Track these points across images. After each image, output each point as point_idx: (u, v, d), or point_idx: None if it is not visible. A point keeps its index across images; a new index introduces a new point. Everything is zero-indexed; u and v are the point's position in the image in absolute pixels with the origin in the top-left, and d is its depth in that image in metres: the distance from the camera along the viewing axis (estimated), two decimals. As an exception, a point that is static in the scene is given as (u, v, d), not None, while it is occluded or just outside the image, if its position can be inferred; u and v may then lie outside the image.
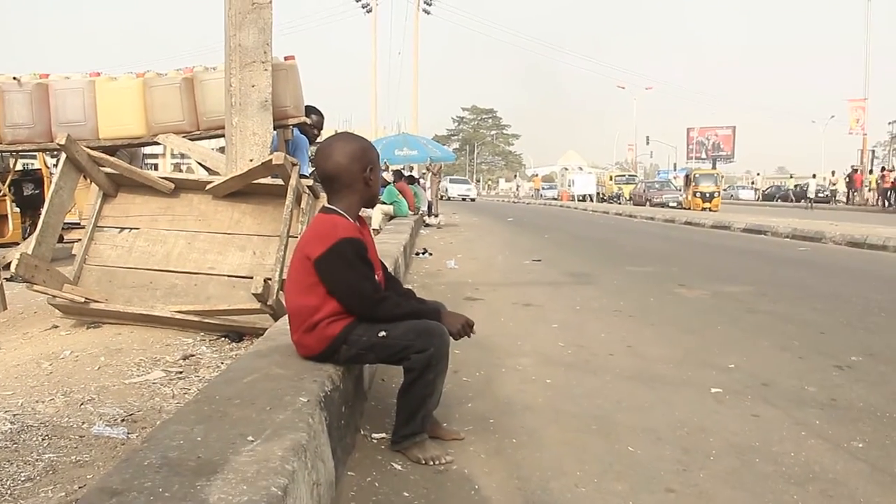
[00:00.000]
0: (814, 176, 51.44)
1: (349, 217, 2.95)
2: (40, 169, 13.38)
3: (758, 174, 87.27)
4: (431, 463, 2.84)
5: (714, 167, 56.92)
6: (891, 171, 43.77)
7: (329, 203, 3.00)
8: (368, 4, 47.60)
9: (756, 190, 71.87)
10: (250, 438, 1.96)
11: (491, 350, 4.77)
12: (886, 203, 40.90)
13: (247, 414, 2.18)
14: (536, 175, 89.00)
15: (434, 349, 2.86)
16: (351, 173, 2.95)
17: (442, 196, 52.37)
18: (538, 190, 74.93)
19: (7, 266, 5.64)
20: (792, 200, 54.36)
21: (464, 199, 54.14)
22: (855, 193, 46.56)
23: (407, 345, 2.86)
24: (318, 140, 7.91)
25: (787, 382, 4.15)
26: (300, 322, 2.91)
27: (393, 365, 3.04)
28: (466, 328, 3.12)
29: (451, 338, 2.98)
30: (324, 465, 2.19)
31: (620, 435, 3.24)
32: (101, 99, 6.32)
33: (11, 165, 9.21)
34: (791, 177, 71.39)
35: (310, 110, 7.07)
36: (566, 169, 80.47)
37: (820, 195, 51.64)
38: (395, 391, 3.14)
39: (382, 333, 2.87)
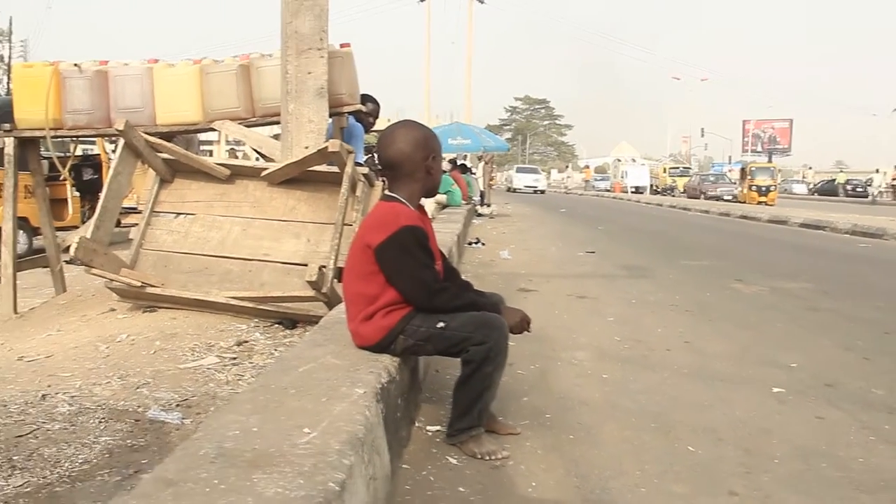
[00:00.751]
0: (877, 171, 50.39)
1: (410, 205, 2.91)
2: (99, 154, 13.64)
3: (809, 168, 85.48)
4: (487, 458, 2.78)
5: (770, 160, 55.94)
6: None
7: (389, 191, 2.96)
8: (422, -7, 47.46)
9: (807, 184, 70.57)
10: (306, 430, 1.93)
11: (546, 343, 4.70)
12: None
13: (302, 404, 2.14)
14: (587, 166, 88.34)
15: (493, 342, 2.80)
16: (413, 161, 2.90)
17: (509, 188, 49.48)
18: (588, 181, 74.27)
19: (66, 249, 5.72)
20: (838, 195, 53.21)
21: (534, 192, 48.84)
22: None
23: (466, 336, 2.81)
24: (374, 128, 7.89)
25: (853, 384, 4.01)
26: (357, 311, 2.88)
27: (450, 357, 2.99)
28: (524, 324, 3.07)
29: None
30: (380, 458, 2.15)
31: (680, 434, 3.15)
32: (159, 85, 6.35)
33: (72, 151, 9.34)
34: (841, 171, 70.00)
35: (365, 98, 7.04)
36: (619, 160, 79.86)
37: (858, 189, 50.70)
38: (450, 382, 3.10)
39: (441, 324, 2.82)
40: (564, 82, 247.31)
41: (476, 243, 11.39)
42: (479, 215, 19.12)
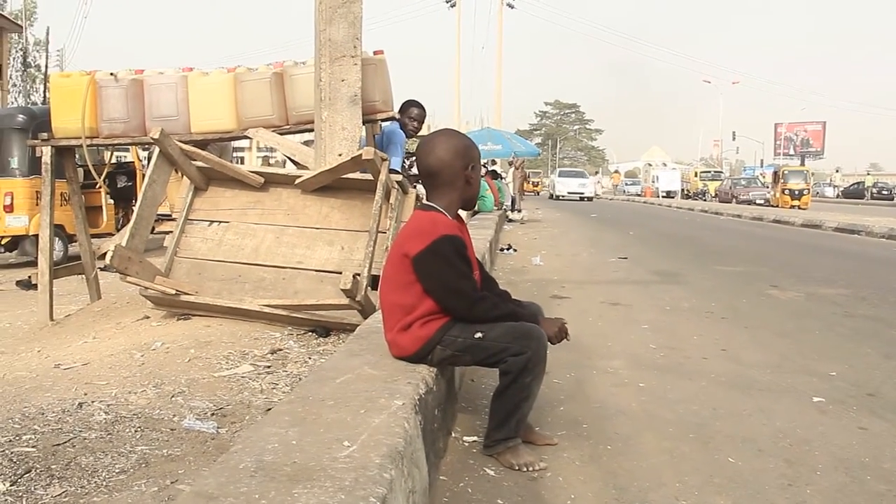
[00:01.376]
0: None
1: (448, 215, 2.89)
2: (133, 162, 13.76)
3: (836, 170, 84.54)
4: (525, 469, 2.75)
5: (803, 163, 55.40)
6: None
7: (428, 200, 2.94)
8: (452, -1, 47.50)
9: (835, 187, 69.96)
10: (346, 444, 1.91)
11: (581, 351, 4.66)
12: None
13: (341, 416, 2.13)
14: (616, 171, 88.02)
15: (531, 352, 2.78)
16: (453, 170, 2.88)
17: (551, 195, 45.71)
18: (616, 185, 73.99)
19: (102, 256, 5.77)
20: (864, 198, 53.08)
21: (580, 198, 43.76)
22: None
23: (504, 347, 2.79)
24: (420, 135, 7.87)
25: (895, 393, 3.94)
26: (394, 321, 2.86)
27: (488, 367, 2.97)
28: (563, 333, 3.04)
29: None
30: (419, 471, 2.13)
31: (719, 444, 3.11)
32: (193, 94, 6.40)
33: (107, 158, 9.44)
34: (868, 174, 69.51)
35: (411, 104, 7.04)
36: (650, 165, 79.40)
37: (884, 192, 50.43)
38: (486, 392, 3.08)
39: (479, 335, 2.80)
40: (594, 86, 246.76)
41: (508, 249, 11.37)
42: (510, 221, 19.09)
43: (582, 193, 44.36)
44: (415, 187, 5.73)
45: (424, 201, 2.97)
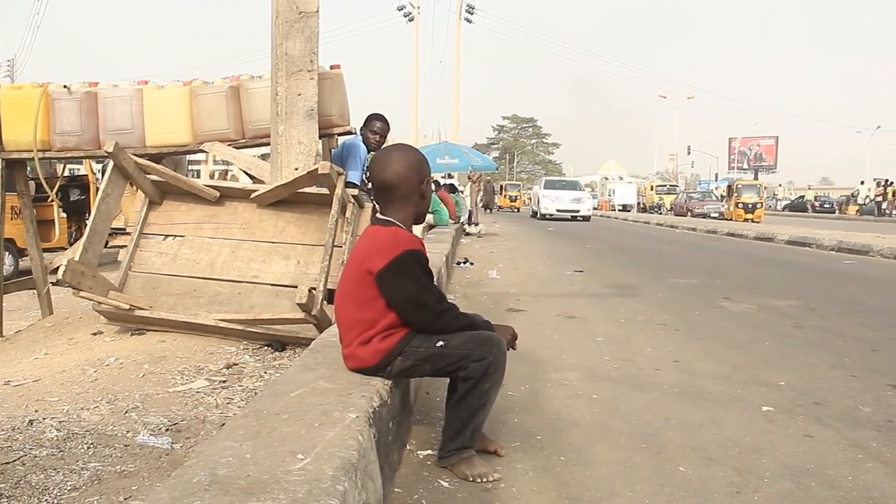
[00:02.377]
0: (862, 183, 51.68)
1: (405, 228, 2.92)
2: (86, 175, 13.61)
3: (779, 185, 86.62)
4: (479, 480, 2.78)
5: (756, 177, 56.42)
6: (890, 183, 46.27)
7: (383, 214, 2.95)
8: (410, 13, 47.72)
9: (778, 200, 71.94)
10: (300, 457, 1.93)
11: (536, 363, 4.70)
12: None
13: (296, 430, 2.14)
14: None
15: (493, 357, 2.83)
16: (409, 184, 2.90)
17: (535, 212, 35.21)
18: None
19: (54, 271, 5.71)
20: (807, 211, 55.10)
21: (572, 217, 32.71)
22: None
23: (466, 354, 2.82)
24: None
25: (841, 402, 4.04)
26: (354, 335, 2.87)
27: (445, 377, 2.99)
28: (513, 341, 3.09)
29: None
30: (373, 483, 2.15)
31: (671, 454, 3.16)
32: (148, 107, 6.37)
33: (59, 172, 9.34)
34: (809, 188, 72.17)
35: (375, 117, 7.04)
36: (606, 178, 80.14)
37: (826, 206, 52.13)
38: (441, 405, 3.10)
39: (441, 343, 2.83)
40: (552, 101, 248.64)
41: (464, 263, 11.40)
42: (468, 234, 19.16)
43: (576, 212, 32.90)
44: (371, 201, 5.74)
45: (379, 216, 2.97)
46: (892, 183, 47.29)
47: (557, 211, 33.03)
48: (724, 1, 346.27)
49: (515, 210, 52.27)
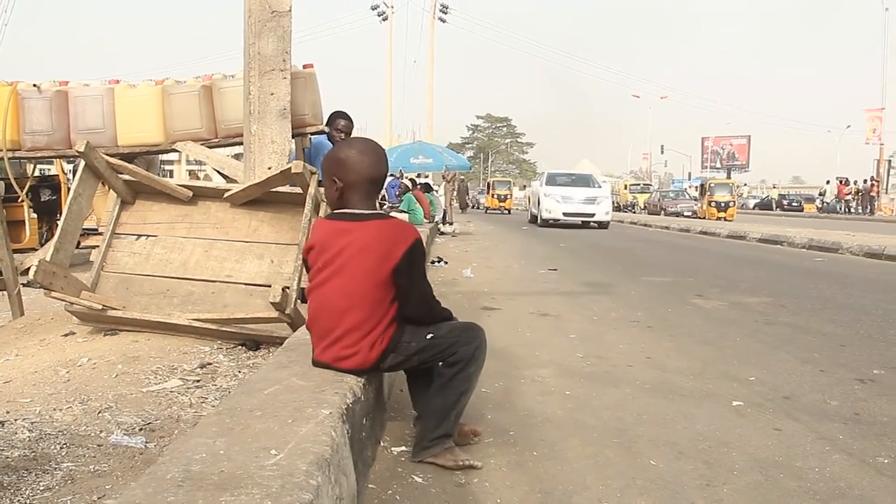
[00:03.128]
0: (828, 182, 52.86)
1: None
2: (57, 175, 13.48)
3: (745, 184, 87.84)
4: (465, 466, 2.86)
5: (729, 176, 56.93)
6: (845, 184, 48.56)
7: (354, 207, 2.92)
8: (384, 13, 47.71)
9: (744, 199, 73.27)
10: (273, 452, 1.94)
11: (510, 361, 4.74)
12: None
13: (269, 426, 2.15)
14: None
15: (480, 341, 2.96)
16: (382, 175, 3.02)
17: (534, 217, 26.87)
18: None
19: (25, 272, 5.66)
20: (773, 209, 57.50)
21: (585, 223, 25.26)
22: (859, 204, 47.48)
23: (454, 340, 2.92)
24: None
25: (809, 396, 4.10)
26: (358, 336, 2.82)
27: (431, 365, 3.01)
28: None
29: None
30: (346, 478, 2.17)
31: (642, 449, 3.20)
32: (120, 106, 6.33)
33: (29, 172, 9.24)
34: (773, 187, 73.74)
35: (339, 115, 7.04)
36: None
37: (793, 204, 53.12)
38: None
39: (430, 335, 2.90)
40: (526, 100, 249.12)
41: (438, 262, 11.42)
42: (442, 233, 19.19)
43: (590, 216, 24.99)
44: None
45: (363, 210, 2.92)
46: (851, 182, 48.47)
47: (565, 215, 24.94)
48: (698, 2, 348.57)
49: (505, 212, 43.65)
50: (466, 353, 2.89)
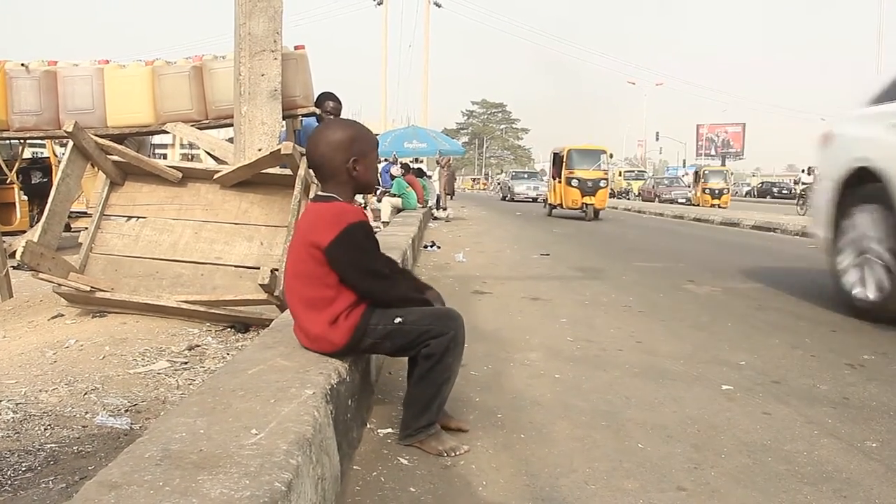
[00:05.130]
0: (803, 171, 54.18)
1: (347, 202, 2.90)
2: (49, 157, 13.41)
3: (731, 172, 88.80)
4: (453, 454, 2.81)
5: (723, 164, 57.01)
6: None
7: (323, 190, 2.92)
8: (379, -3, 47.50)
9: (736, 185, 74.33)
10: (254, 431, 1.91)
11: (499, 344, 4.72)
12: None
13: (251, 406, 2.13)
14: (542, 170, 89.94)
15: (454, 332, 2.84)
16: (333, 163, 2.85)
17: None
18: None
19: (13, 254, 5.62)
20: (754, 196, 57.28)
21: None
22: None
23: (425, 329, 2.82)
24: None
25: (799, 380, 4.09)
26: (318, 317, 2.81)
27: (405, 356, 2.98)
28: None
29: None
30: (329, 459, 2.14)
31: (630, 431, 3.18)
32: (110, 87, 6.29)
33: (20, 153, 9.19)
34: (753, 175, 74.31)
35: (327, 97, 7.01)
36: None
37: (784, 192, 53.47)
38: (404, 384, 3.09)
39: (398, 320, 2.82)
40: (521, 86, 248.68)
41: (431, 247, 11.40)
42: (436, 219, 19.17)
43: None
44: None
45: (319, 192, 2.95)
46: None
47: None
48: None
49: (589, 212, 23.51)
50: (440, 346, 2.81)
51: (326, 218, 2.81)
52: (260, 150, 5.44)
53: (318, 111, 6.64)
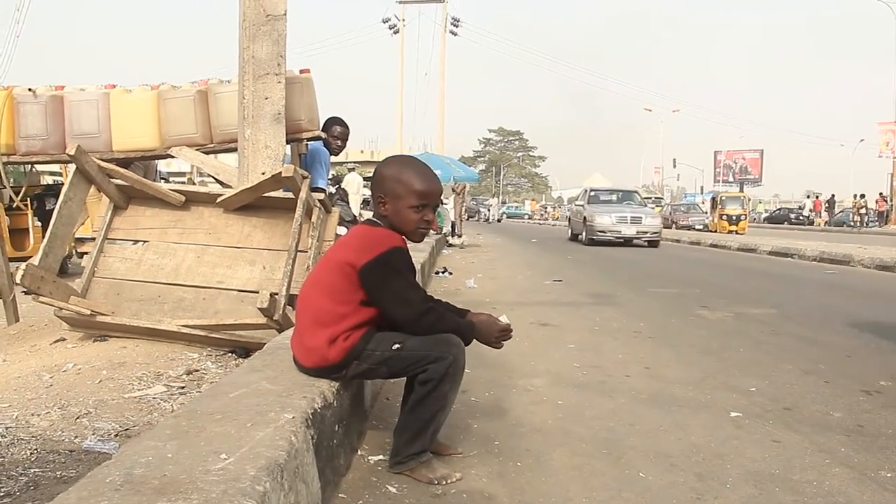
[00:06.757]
0: (808, 197, 55.30)
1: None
2: (63, 183, 13.46)
3: (748, 199, 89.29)
4: (444, 482, 2.71)
5: (741, 190, 56.78)
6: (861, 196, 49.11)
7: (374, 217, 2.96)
8: (395, 26, 47.88)
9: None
10: (223, 456, 1.83)
11: (503, 370, 4.62)
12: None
13: (225, 430, 2.05)
14: (534, 199, 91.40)
15: (452, 357, 2.75)
16: (375, 193, 2.91)
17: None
18: (533, 212, 77.86)
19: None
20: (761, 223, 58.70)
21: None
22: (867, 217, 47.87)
23: (423, 355, 2.75)
24: (344, 153, 7.80)
25: (812, 407, 3.96)
26: (321, 330, 2.77)
27: (404, 377, 2.91)
28: (502, 336, 3.09)
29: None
30: (306, 486, 2.05)
31: (631, 460, 3.08)
32: (116, 111, 6.28)
33: (35, 180, 9.21)
34: (760, 202, 76.94)
35: (334, 121, 6.99)
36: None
37: (801, 217, 53.70)
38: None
39: (397, 346, 2.76)
40: (538, 114, 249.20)
41: (443, 273, 11.33)
42: (450, 245, 19.09)
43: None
44: (337, 206, 5.68)
45: (370, 218, 2.98)
46: (858, 197, 48.88)
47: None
48: (711, 15, 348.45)
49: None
50: (437, 372, 2.74)
51: (367, 239, 2.81)
52: (263, 173, 5.39)
53: (324, 135, 6.60)
